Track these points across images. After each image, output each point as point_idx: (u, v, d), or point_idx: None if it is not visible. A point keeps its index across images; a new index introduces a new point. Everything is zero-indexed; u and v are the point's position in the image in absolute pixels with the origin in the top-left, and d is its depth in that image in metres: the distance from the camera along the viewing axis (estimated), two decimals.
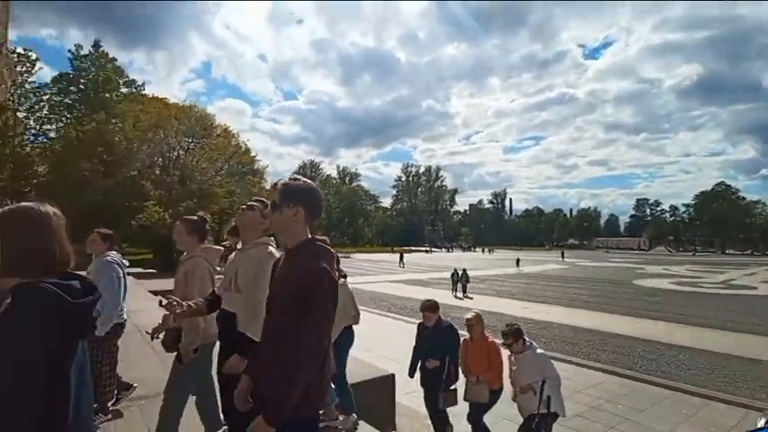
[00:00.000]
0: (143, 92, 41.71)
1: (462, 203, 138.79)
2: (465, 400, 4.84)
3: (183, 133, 34.23)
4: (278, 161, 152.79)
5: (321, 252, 1.63)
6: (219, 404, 2.86)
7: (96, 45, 40.28)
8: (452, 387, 4.92)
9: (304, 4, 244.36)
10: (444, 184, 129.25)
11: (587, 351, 10.48)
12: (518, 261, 41.91)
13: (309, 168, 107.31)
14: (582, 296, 20.85)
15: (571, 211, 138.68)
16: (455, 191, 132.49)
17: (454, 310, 14.08)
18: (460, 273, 20.36)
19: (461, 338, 5.04)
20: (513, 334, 4.54)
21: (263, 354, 1.66)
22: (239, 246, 2.63)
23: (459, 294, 19.84)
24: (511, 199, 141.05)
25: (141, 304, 8.43)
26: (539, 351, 4.56)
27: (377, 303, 17.22)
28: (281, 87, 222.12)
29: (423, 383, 5.02)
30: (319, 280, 1.53)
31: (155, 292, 9.87)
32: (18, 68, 31.45)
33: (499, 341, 4.84)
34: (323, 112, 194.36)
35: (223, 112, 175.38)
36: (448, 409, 4.97)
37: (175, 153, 34.94)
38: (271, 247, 2.46)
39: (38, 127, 37.62)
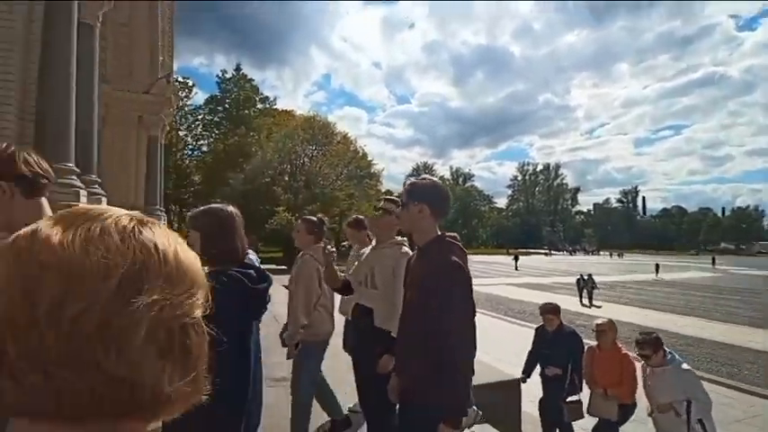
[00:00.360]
0: (274, 106, 46.85)
1: (585, 203, 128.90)
2: (589, 414, 4.49)
3: (307, 141, 37.48)
4: (392, 164, 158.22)
5: (451, 248, 1.67)
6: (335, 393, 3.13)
7: (238, 68, 46.31)
8: (576, 398, 4.59)
9: (416, 5, 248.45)
10: (564, 182, 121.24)
11: (750, 375, 8.90)
12: (657, 267, 37.00)
13: (423, 170, 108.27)
14: (741, 310, 17.70)
15: (723, 210, 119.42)
16: (577, 189, 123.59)
17: (580, 318, 13.09)
18: (586, 278, 18.80)
19: (586, 346, 4.71)
20: (652, 344, 3.98)
21: (411, 351, 1.71)
22: (373, 243, 2.83)
23: (586, 302, 18.31)
24: (644, 197, 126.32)
25: (275, 297, 9.44)
26: (684, 366, 3.97)
27: (493, 306, 16.77)
28: (395, 92, 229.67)
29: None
30: (454, 275, 1.57)
31: (286, 287, 10.96)
32: (179, 94, 37.47)
33: (633, 353, 4.39)
34: (435, 113, 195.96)
35: (342, 120, 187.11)
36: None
37: (301, 160, 38.32)
38: (405, 247, 2.59)
39: (194, 143, 44.78)
